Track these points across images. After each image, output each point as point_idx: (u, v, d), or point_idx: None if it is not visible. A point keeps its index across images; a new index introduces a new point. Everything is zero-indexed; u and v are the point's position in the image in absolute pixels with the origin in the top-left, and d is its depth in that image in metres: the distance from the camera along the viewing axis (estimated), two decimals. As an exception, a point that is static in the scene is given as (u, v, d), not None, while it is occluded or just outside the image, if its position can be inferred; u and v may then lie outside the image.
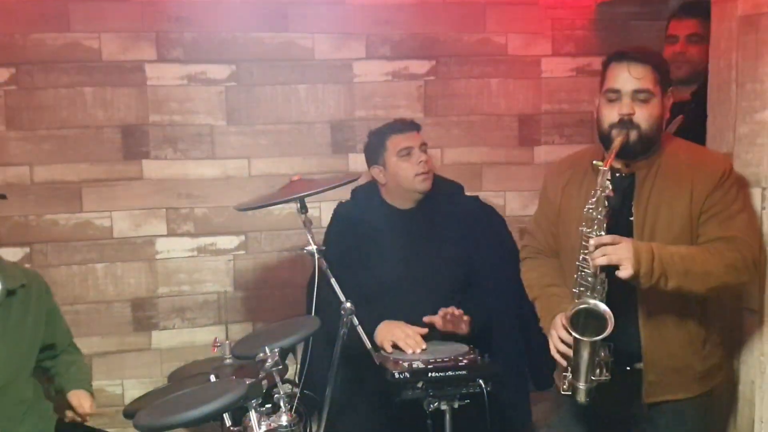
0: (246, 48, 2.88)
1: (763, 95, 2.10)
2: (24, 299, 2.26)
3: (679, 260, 1.89)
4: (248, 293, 2.97)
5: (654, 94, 1.98)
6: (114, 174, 2.83)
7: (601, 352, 1.89)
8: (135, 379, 2.86)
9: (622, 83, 1.98)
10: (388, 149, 2.53)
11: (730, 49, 2.20)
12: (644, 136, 1.97)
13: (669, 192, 1.99)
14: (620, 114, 1.97)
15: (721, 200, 1.96)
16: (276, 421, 1.80)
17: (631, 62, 1.99)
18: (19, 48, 2.73)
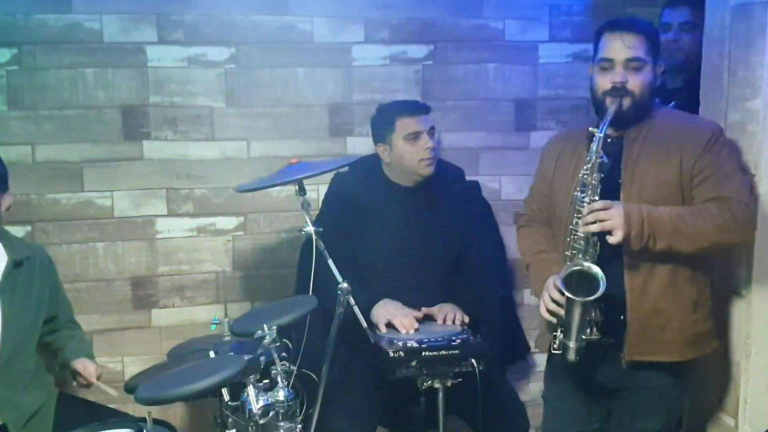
0: (246, 31, 2.87)
1: (755, 83, 2.14)
2: (29, 271, 2.31)
3: (668, 221, 1.94)
4: (247, 273, 2.99)
5: (646, 62, 2.04)
6: (115, 154, 2.84)
7: (592, 312, 1.95)
8: (135, 356, 2.88)
9: (615, 52, 2.04)
10: (396, 130, 2.56)
11: (723, 38, 2.24)
12: (637, 102, 2.04)
13: (657, 155, 2.04)
14: (613, 82, 2.03)
15: (712, 162, 2.01)
16: (273, 397, 1.85)
17: (623, 31, 2.04)
18: (22, 28, 2.72)
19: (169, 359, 2.40)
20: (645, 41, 2.04)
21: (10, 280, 2.25)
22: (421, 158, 2.52)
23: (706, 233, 1.94)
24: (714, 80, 2.29)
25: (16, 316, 2.24)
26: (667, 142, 2.04)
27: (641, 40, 2.04)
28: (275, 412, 1.83)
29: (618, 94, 2.03)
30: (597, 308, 1.95)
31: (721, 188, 1.99)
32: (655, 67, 2.08)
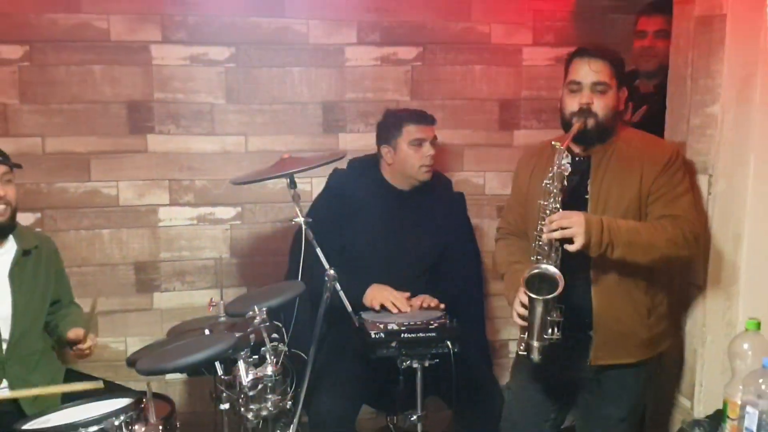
0: (245, 32, 3.01)
1: (714, 90, 2.29)
2: (36, 259, 2.46)
3: (625, 232, 2.10)
4: (243, 260, 3.15)
5: (610, 86, 2.19)
6: (120, 147, 2.99)
7: (553, 313, 2.09)
8: (137, 337, 3.04)
9: (583, 76, 2.19)
10: (402, 135, 2.71)
11: (687, 47, 2.39)
12: (601, 123, 2.19)
13: (621, 174, 2.20)
14: (580, 103, 2.18)
15: (667, 183, 2.17)
16: (262, 371, 2.02)
17: (591, 58, 2.20)
18: (33, 27, 2.87)
19: (168, 337, 2.57)
20: (610, 68, 2.20)
21: (19, 268, 2.40)
22: (422, 164, 2.69)
23: (658, 246, 2.11)
24: (679, 86, 2.45)
25: (24, 300, 2.39)
26: (630, 162, 2.20)
27: (607, 67, 2.20)
28: (263, 385, 2.00)
29: (584, 114, 2.19)
30: (558, 309, 2.10)
31: (674, 207, 2.16)
32: (619, 92, 2.24)
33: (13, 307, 2.35)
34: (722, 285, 2.33)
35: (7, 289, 2.34)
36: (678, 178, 2.20)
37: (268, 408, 2.04)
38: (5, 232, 2.36)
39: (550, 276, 2.07)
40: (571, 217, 2.08)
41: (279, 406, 2.09)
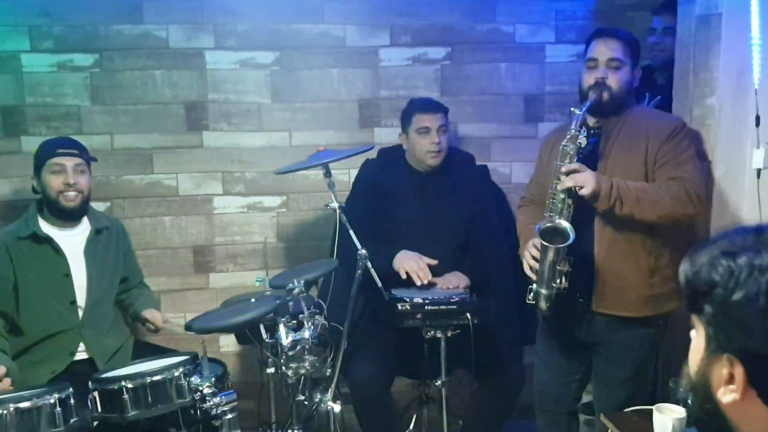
0: (288, 37, 3.28)
1: (712, 83, 2.50)
2: (107, 238, 2.83)
3: (633, 189, 2.29)
4: (288, 243, 3.43)
5: (625, 63, 2.42)
6: (179, 142, 3.30)
7: (563, 263, 2.31)
8: (195, 313, 3.16)
9: (599, 53, 2.43)
10: (412, 123, 2.95)
11: (689, 43, 2.60)
12: (615, 96, 2.41)
13: (629, 143, 2.40)
14: (596, 77, 2.41)
15: (673, 150, 2.36)
16: (300, 335, 2.31)
17: (607, 37, 2.44)
18: (102, 37, 3.19)
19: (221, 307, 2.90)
20: (625, 46, 2.43)
21: (92, 245, 2.77)
22: (428, 150, 2.92)
23: (663, 203, 2.29)
24: (682, 80, 2.65)
25: (97, 273, 2.76)
26: (637, 133, 2.42)
27: (621, 45, 2.43)
28: (301, 347, 2.30)
29: (599, 87, 2.42)
30: (566, 261, 2.32)
31: (678, 170, 2.34)
32: (633, 70, 2.46)
33: (88, 278, 2.71)
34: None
35: (82, 262, 2.71)
36: (683, 146, 2.37)
37: (305, 367, 2.33)
38: (76, 215, 2.73)
39: (562, 229, 2.30)
40: (584, 169, 2.31)
41: (316, 367, 2.38)
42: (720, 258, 1.01)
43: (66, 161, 2.66)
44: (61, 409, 2.03)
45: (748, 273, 0.98)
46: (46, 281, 2.64)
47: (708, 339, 1.04)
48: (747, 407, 1.01)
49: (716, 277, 1.01)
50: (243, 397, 2.73)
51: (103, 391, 2.11)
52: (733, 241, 1.03)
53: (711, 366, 1.04)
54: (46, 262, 2.66)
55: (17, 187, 3.24)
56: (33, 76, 3.19)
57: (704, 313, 1.04)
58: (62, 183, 2.65)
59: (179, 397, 2.12)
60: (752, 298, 0.97)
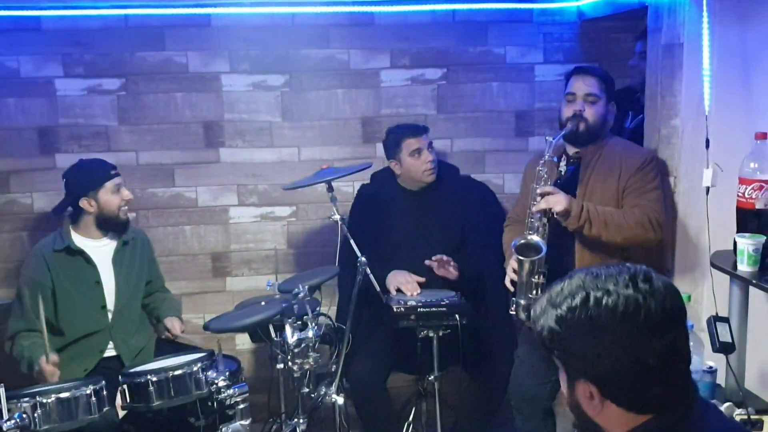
0: (297, 61, 3.55)
1: (676, 106, 2.74)
2: (133, 248, 3.12)
3: (601, 213, 2.56)
4: (298, 250, 3.70)
5: (600, 98, 2.70)
6: (198, 158, 3.58)
7: (537, 276, 2.56)
8: (213, 314, 3.42)
9: (577, 88, 2.71)
10: (402, 149, 3.19)
11: (657, 69, 2.84)
12: (591, 127, 2.69)
13: (605, 172, 2.68)
14: (573, 110, 2.69)
15: (640, 180, 2.63)
16: (305, 334, 2.60)
17: (584, 74, 2.72)
18: (128, 63, 3.48)
19: (235, 309, 3.20)
20: (600, 83, 2.72)
21: (120, 254, 3.07)
22: (425, 169, 3.19)
23: (627, 227, 2.56)
24: (652, 101, 2.89)
25: (125, 280, 3.06)
26: (612, 162, 2.69)
27: (598, 82, 2.71)
28: (305, 345, 2.58)
29: (576, 119, 2.70)
30: (541, 274, 2.57)
31: (642, 198, 2.62)
32: (608, 104, 2.73)
33: (116, 285, 3.02)
34: (687, 268, 2.77)
35: (111, 271, 3.02)
36: (650, 178, 2.64)
37: (309, 363, 2.62)
38: (127, 227, 3.03)
39: (535, 244, 2.57)
40: (556, 192, 2.57)
41: (318, 363, 2.67)
42: (547, 308, 1.26)
43: (119, 181, 3.01)
44: (95, 399, 2.34)
45: (571, 316, 1.22)
46: (79, 288, 2.94)
47: (566, 373, 1.28)
48: (608, 412, 1.24)
49: (550, 325, 1.24)
50: (256, 391, 3.01)
51: (131, 384, 2.42)
52: (554, 290, 1.27)
53: (576, 391, 1.26)
54: (79, 271, 2.96)
55: (52, 200, 3.53)
56: (66, 99, 3.50)
57: (555, 355, 1.27)
58: (123, 199, 2.98)
59: (197, 389, 2.42)
60: (574, 337, 1.21)
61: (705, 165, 2.51)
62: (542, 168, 2.64)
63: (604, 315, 1.19)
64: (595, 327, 1.20)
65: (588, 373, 1.23)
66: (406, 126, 3.28)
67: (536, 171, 2.66)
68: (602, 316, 1.19)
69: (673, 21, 2.70)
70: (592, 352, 1.20)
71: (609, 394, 1.23)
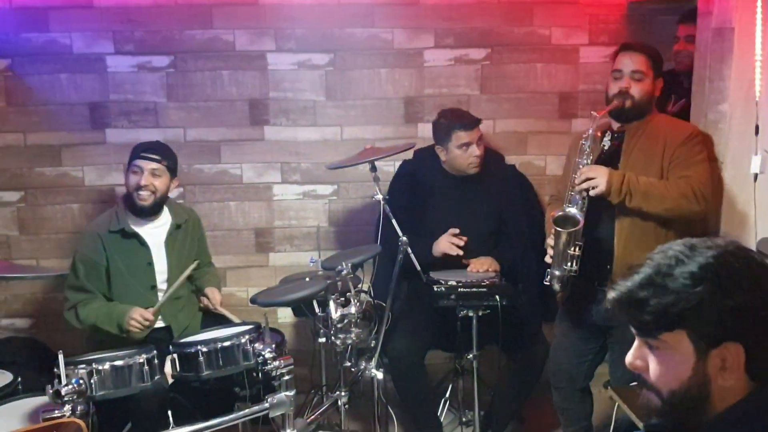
0: (341, 40, 3.59)
1: (724, 91, 2.71)
2: (185, 230, 3.19)
3: (642, 184, 2.56)
4: (338, 228, 3.77)
5: (647, 75, 2.68)
6: (243, 136, 3.65)
7: (573, 248, 2.59)
8: (256, 287, 3.59)
9: (624, 65, 2.70)
10: (452, 140, 3.18)
11: (706, 54, 2.81)
12: (636, 104, 2.68)
13: (648, 148, 2.66)
14: (620, 87, 2.68)
15: (686, 152, 2.61)
16: (347, 310, 2.66)
17: (631, 51, 2.71)
18: (177, 41, 3.55)
19: (280, 284, 3.27)
20: (647, 60, 2.69)
21: (172, 237, 3.14)
22: (470, 163, 3.20)
23: (670, 198, 2.55)
24: (699, 86, 2.87)
25: (175, 260, 3.13)
26: (656, 137, 2.67)
27: (644, 59, 2.69)
28: (348, 321, 2.65)
29: (622, 96, 2.69)
30: (577, 246, 2.59)
31: (688, 170, 2.59)
32: (655, 81, 2.71)
33: (168, 266, 3.11)
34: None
35: (163, 253, 3.10)
36: (696, 150, 2.62)
37: (351, 338, 2.68)
38: (147, 212, 3.07)
39: (572, 216, 2.59)
40: (597, 170, 2.59)
41: (361, 338, 2.73)
42: (665, 281, 1.20)
43: (144, 164, 3.01)
44: (148, 367, 2.44)
45: (712, 274, 1.16)
46: (132, 268, 3.03)
47: (695, 344, 1.17)
48: (732, 381, 1.17)
49: (682, 291, 1.16)
50: (297, 363, 3.02)
51: (181, 354, 2.51)
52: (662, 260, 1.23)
53: (704, 366, 1.17)
54: (133, 253, 3.05)
55: (102, 174, 3.69)
56: (116, 75, 3.60)
57: (684, 323, 1.17)
58: (137, 183, 3.00)
59: (245, 360, 2.51)
60: (721, 295, 1.14)
61: (754, 151, 2.48)
62: (585, 142, 2.65)
63: (747, 266, 1.16)
64: (746, 277, 1.15)
65: (738, 333, 1.15)
66: (460, 118, 3.22)
67: (579, 144, 2.67)
68: (749, 267, 1.16)
69: (724, 4, 2.66)
70: (753, 302, 1.14)
71: (756, 354, 1.16)
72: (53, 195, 3.68)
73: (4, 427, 2.36)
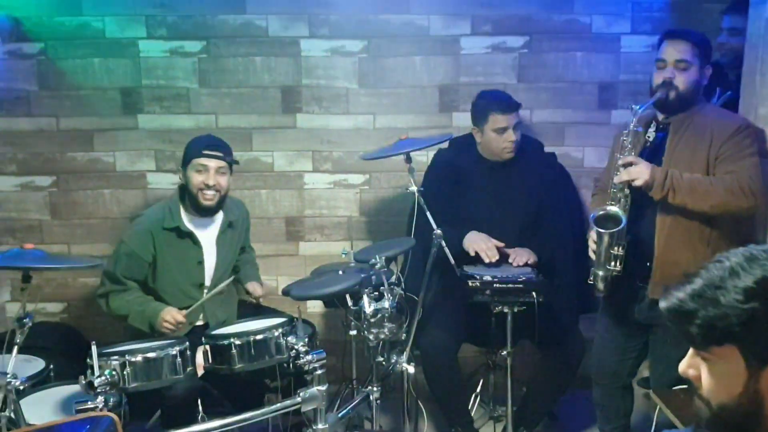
0: (376, 27, 3.52)
1: (779, 85, 2.61)
2: (235, 227, 3.15)
3: (687, 180, 2.47)
4: (369, 218, 3.72)
5: (692, 64, 2.57)
6: (275, 123, 3.61)
7: (616, 247, 2.52)
8: (286, 276, 3.67)
9: (668, 54, 2.59)
10: (488, 122, 3.10)
11: (758, 44, 2.70)
12: (681, 95, 2.57)
13: (694, 139, 2.56)
14: (664, 77, 2.58)
15: (734, 147, 2.50)
16: (381, 305, 2.61)
17: (676, 39, 2.60)
18: (209, 26, 3.51)
19: (312, 275, 3.24)
20: (693, 48, 2.58)
21: (224, 235, 3.09)
22: (504, 147, 3.11)
23: (716, 194, 2.45)
24: (750, 79, 2.76)
25: (223, 258, 3.09)
26: (702, 130, 2.57)
27: (690, 47, 2.58)
28: (382, 315, 2.59)
29: (666, 87, 2.59)
30: (620, 246, 2.52)
31: (736, 165, 2.49)
32: (702, 69, 2.60)
33: (216, 264, 3.07)
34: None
35: (214, 251, 3.06)
36: (745, 144, 2.51)
37: (385, 333, 2.62)
38: (211, 212, 3.02)
39: (614, 215, 2.51)
40: (639, 162, 2.50)
41: (394, 333, 2.68)
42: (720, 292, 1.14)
43: (210, 163, 2.92)
44: (181, 359, 2.42)
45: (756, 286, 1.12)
46: (181, 266, 2.99)
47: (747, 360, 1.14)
48: None
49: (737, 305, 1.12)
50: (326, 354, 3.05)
51: (214, 347, 2.48)
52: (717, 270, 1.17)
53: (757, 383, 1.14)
54: (184, 251, 2.99)
55: (133, 160, 3.67)
56: (149, 60, 3.57)
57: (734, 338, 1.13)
58: (203, 182, 2.92)
59: (278, 353, 2.48)
60: None
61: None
62: (626, 137, 2.56)
63: None
64: None
65: None
66: (498, 99, 3.12)
67: (620, 140, 2.58)
68: None
69: (779, -6, 2.55)
70: None
71: None
72: (85, 180, 3.68)
73: (38, 415, 2.36)
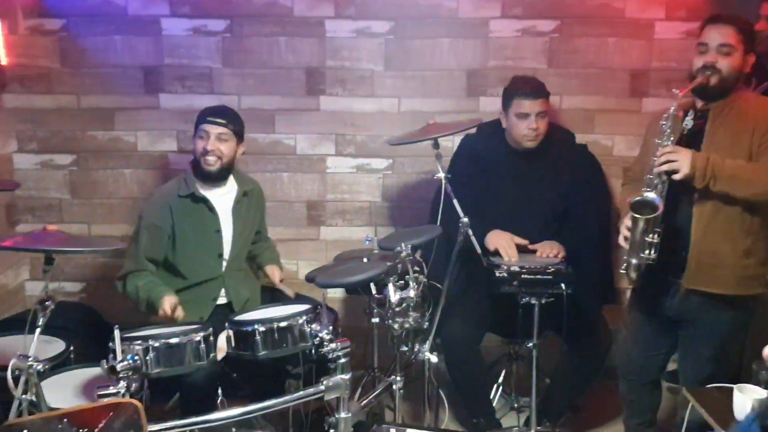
0: (403, 8, 3.45)
1: (822, 74, 2.51)
2: (250, 199, 3.12)
3: (728, 167, 2.40)
4: (392, 204, 3.66)
5: (736, 49, 2.48)
6: (298, 105, 3.56)
7: (652, 234, 2.44)
8: (306, 261, 3.66)
9: (710, 38, 2.50)
10: (512, 106, 3.02)
11: (802, 33, 2.60)
12: (723, 80, 2.48)
13: (735, 128, 2.48)
14: (704, 61, 2.49)
15: None
16: (406, 293, 2.55)
17: (719, 23, 2.51)
18: (233, 4, 3.46)
19: (335, 262, 3.19)
20: (737, 33, 2.48)
21: (239, 204, 3.07)
22: (525, 134, 3.01)
23: (759, 182, 2.38)
24: (791, 68, 2.66)
25: (240, 230, 3.07)
26: (744, 118, 2.49)
27: (733, 31, 2.48)
28: (406, 304, 2.54)
29: (706, 71, 2.50)
30: (656, 233, 2.45)
31: None
32: (745, 55, 2.51)
33: (233, 234, 3.04)
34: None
35: (230, 220, 3.03)
36: None
37: (409, 322, 2.58)
38: (214, 177, 2.99)
39: (651, 202, 2.43)
40: (680, 151, 2.42)
41: (418, 322, 2.63)
42: None
43: (211, 129, 2.92)
44: (204, 345, 2.37)
45: None
46: (200, 235, 2.97)
47: None
48: None
49: None
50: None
51: (238, 332, 2.44)
52: None
53: None
54: (201, 219, 2.98)
55: (155, 139, 3.63)
56: (171, 38, 3.52)
57: None
58: (203, 147, 2.92)
59: (302, 340, 2.43)
60: None
61: None
62: (665, 122, 2.48)
63: None
64: None
65: None
66: (525, 84, 3.05)
67: (659, 125, 2.50)
68: None
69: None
70: None
71: None
72: (105, 159, 3.65)
73: (59, 398, 2.33)
